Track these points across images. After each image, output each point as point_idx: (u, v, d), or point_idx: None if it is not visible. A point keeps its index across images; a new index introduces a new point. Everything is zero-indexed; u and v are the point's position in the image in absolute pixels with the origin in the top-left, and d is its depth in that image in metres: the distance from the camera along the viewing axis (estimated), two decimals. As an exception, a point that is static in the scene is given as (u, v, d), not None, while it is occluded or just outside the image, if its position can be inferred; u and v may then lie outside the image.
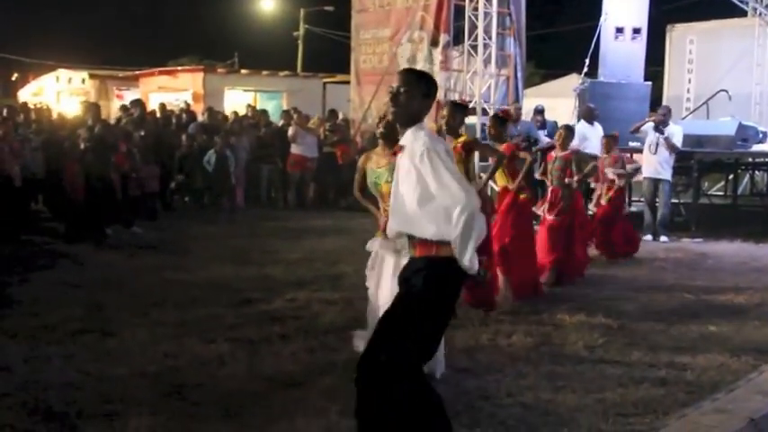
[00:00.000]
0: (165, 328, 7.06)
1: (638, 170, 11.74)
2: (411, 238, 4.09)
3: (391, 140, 5.52)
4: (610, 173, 11.45)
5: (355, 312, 7.67)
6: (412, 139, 4.09)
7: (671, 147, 13.19)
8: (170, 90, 25.10)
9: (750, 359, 6.35)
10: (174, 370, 5.92)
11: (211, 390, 5.53)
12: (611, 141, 12.02)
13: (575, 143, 10.98)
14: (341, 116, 19.53)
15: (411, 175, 4.01)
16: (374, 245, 6.02)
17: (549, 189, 9.87)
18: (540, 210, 9.83)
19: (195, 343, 6.61)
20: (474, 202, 3.95)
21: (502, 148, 8.54)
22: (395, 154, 4.24)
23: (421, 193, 3.99)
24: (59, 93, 27.92)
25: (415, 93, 4.13)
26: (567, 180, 9.69)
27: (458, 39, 16.70)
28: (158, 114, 18.27)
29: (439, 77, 16.49)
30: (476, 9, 15.97)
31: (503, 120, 8.96)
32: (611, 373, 5.99)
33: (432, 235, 3.99)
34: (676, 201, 15.59)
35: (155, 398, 5.35)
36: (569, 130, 10.20)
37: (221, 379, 5.75)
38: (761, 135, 16.04)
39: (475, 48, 15.98)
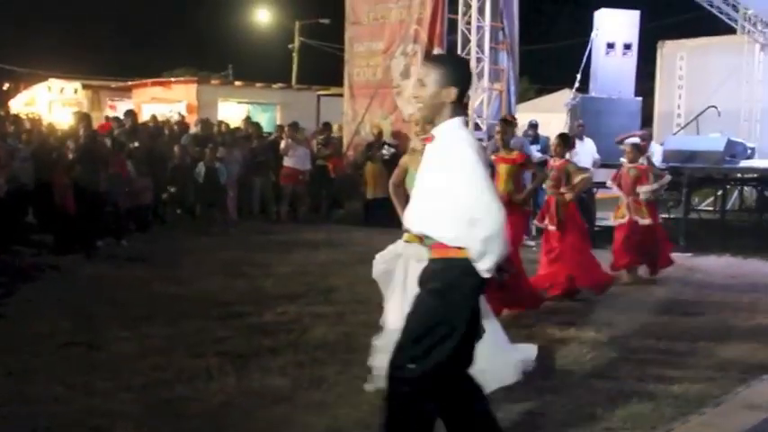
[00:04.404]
0: (154, 341, 7.05)
1: (665, 184, 11.52)
2: (427, 237, 3.95)
3: None
4: (643, 192, 11.14)
5: (347, 326, 7.67)
6: (449, 134, 3.90)
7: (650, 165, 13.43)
8: (163, 101, 25.11)
9: (737, 374, 6.37)
10: (162, 384, 5.89)
11: (199, 404, 5.51)
12: (635, 151, 11.43)
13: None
14: (335, 129, 19.53)
15: (441, 174, 3.83)
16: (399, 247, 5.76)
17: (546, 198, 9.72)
18: (542, 223, 9.81)
19: (184, 356, 6.59)
20: (503, 222, 3.79)
21: (513, 156, 8.73)
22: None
23: (446, 194, 3.83)
24: (51, 103, 27.85)
25: (440, 84, 3.89)
26: (561, 189, 9.67)
27: (452, 52, 16.75)
28: (151, 125, 18.25)
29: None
30: (469, 23, 16.04)
31: (510, 123, 9.12)
32: (600, 388, 6.00)
33: (450, 240, 3.84)
34: (666, 215, 15.66)
35: (142, 412, 5.33)
36: (564, 139, 10.12)
37: (209, 393, 5.73)
38: (749, 151, 16.18)
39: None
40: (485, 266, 3.81)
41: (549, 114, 23.04)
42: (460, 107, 4.00)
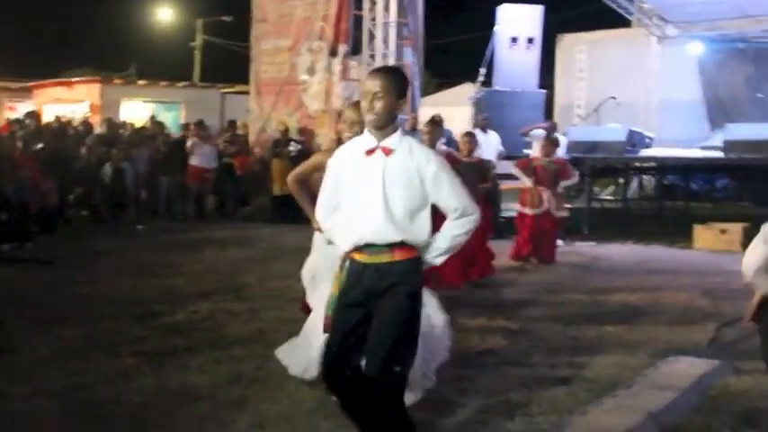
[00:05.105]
0: (69, 344, 6.93)
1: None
2: (389, 244, 4.07)
3: None
4: (564, 186, 11.47)
5: (260, 322, 7.69)
6: (407, 145, 4.10)
7: None
8: (65, 102, 24.62)
9: (645, 356, 6.60)
10: (80, 386, 5.80)
11: (119, 405, 5.45)
12: (550, 145, 11.85)
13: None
14: (239, 126, 19.44)
15: (413, 184, 4.05)
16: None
17: None
18: None
19: (100, 358, 6.50)
20: (479, 217, 4.20)
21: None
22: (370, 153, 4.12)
23: (421, 202, 4.08)
24: (-51, 105, 27.02)
25: (394, 96, 4.06)
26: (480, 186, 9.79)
27: (357, 49, 16.86)
28: (55, 126, 17.90)
29: (337, 87, 16.65)
30: (374, 19, 16.14)
31: (438, 124, 9.16)
32: (515, 375, 6.14)
33: (422, 241, 4.10)
34: (569, 205, 16.03)
35: (60, 416, 5.25)
36: (473, 137, 10.32)
37: (128, 394, 5.67)
38: (647, 140, 16.68)
39: (374, 57, 16.12)
40: (438, 262, 4.19)
41: (451, 108, 23.26)
42: None
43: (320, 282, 5.64)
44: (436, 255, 4.14)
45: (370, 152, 4.10)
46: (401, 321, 4.04)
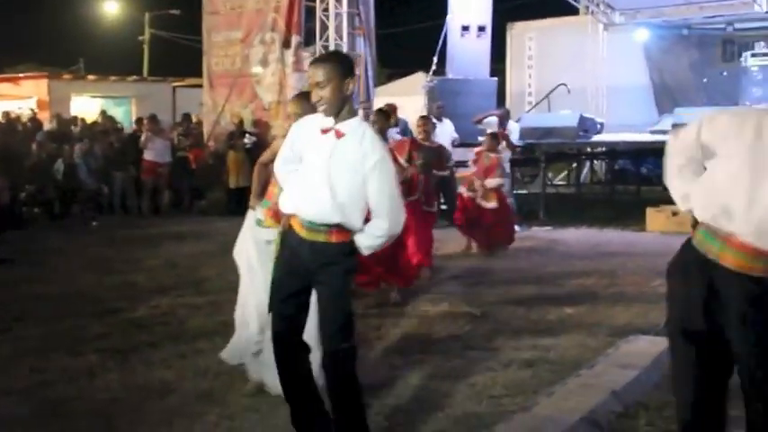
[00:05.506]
0: (29, 343, 6.86)
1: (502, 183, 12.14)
2: (327, 224, 4.16)
3: None
4: (491, 184, 11.57)
5: (223, 315, 7.62)
6: (360, 132, 4.15)
7: (509, 143, 13.80)
8: (11, 98, 24.21)
9: (606, 336, 6.72)
10: (44, 385, 5.76)
11: (85, 403, 5.41)
12: (491, 140, 11.90)
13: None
14: (194, 120, 19.33)
15: (357, 171, 4.10)
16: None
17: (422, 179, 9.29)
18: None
19: (63, 356, 6.44)
20: (400, 227, 4.27)
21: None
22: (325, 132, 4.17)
23: (362, 189, 4.12)
24: None
25: (338, 80, 4.08)
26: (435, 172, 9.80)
27: (310, 40, 16.84)
28: (3, 122, 17.65)
29: (291, 78, 16.63)
30: (326, 10, 16.15)
31: (387, 114, 9.15)
32: (479, 359, 6.20)
33: (359, 227, 4.18)
34: (525, 191, 16.20)
35: (26, 416, 5.19)
36: (429, 119, 10.36)
37: (94, 391, 5.64)
38: (599, 126, 16.93)
39: (327, 48, 16.11)
40: (367, 252, 4.29)
41: (404, 98, 23.34)
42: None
43: (254, 276, 5.69)
44: (366, 247, 4.25)
45: (324, 131, 4.18)
46: (343, 299, 4.20)
